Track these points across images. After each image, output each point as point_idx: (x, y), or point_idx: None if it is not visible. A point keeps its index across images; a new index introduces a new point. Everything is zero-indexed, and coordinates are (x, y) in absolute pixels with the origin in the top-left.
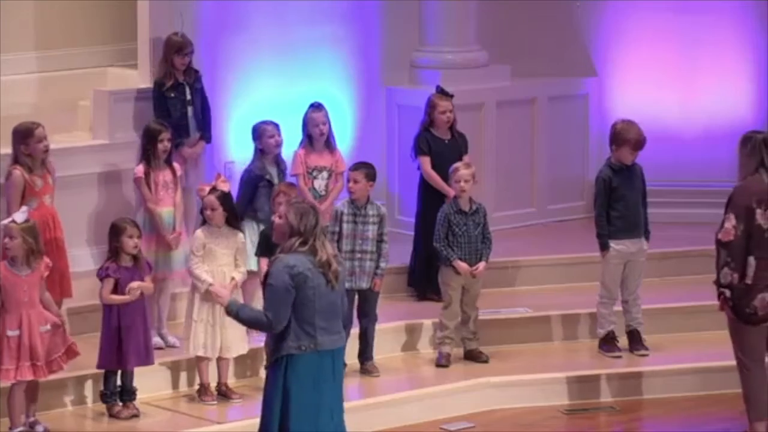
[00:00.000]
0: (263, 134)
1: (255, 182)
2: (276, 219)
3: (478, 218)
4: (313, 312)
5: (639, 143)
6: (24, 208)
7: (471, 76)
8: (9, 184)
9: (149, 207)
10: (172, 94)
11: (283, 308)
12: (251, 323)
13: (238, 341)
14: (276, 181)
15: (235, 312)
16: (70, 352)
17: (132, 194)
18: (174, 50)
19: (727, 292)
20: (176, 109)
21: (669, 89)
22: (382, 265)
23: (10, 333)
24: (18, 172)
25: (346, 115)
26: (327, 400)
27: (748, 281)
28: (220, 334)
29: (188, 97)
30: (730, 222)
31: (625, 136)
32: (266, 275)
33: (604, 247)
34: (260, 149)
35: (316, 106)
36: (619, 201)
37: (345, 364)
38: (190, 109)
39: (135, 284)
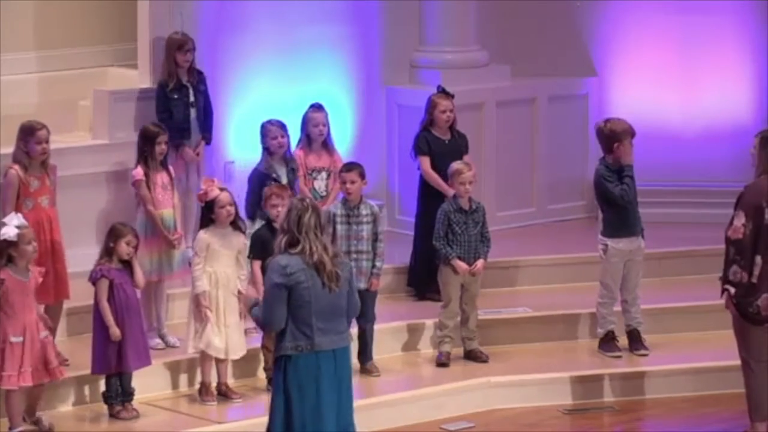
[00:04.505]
0: (267, 134)
1: (262, 181)
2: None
3: (478, 217)
4: (310, 313)
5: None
6: (19, 215)
7: (471, 76)
8: (5, 183)
9: (149, 209)
10: (175, 96)
11: (276, 308)
12: (256, 321)
13: (238, 343)
14: (284, 180)
15: (249, 309)
16: (57, 371)
17: (132, 194)
18: (175, 48)
19: (732, 290)
20: (179, 111)
21: (669, 89)
22: (378, 264)
23: (13, 339)
24: (14, 171)
25: (346, 115)
26: (330, 400)
27: (754, 280)
28: (225, 335)
29: (191, 99)
30: (740, 220)
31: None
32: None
33: None
34: (266, 148)
35: (317, 107)
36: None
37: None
38: (192, 111)
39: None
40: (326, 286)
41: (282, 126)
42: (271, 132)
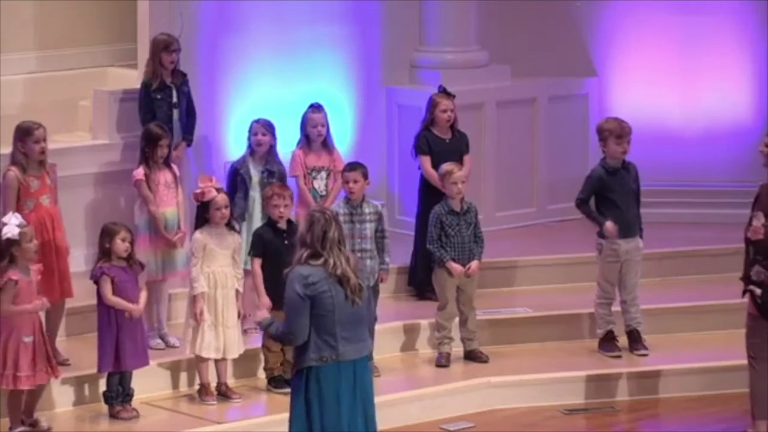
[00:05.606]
0: (249, 131)
1: (231, 176)
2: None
3: (470, 218)
4: (333, 322)
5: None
6: (17, 214)
7: (471, 76)
8: (4, 186)
9: (152, 209)
10: (159, 96)
11: (300, 319)
12: (277, 337)
13: (236, 342)
14: (255, 179)
15: (265, 327)
16: (57, 369)
17: (132, 194)
18: (161, 48)
19: (758, 290)
20: (162, 111)
21: (669, 89)
22: (387, 259)
23: (26, 339)
24: (12, 173)
25: (346, 115)
26: (349, 409)
27: None
28: (222, 335)
29: (174, 99)
30: (759, 220)
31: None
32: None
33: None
34: (249, 145)
35: (316, 107)
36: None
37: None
38: (175, 112)
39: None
40: (349, 299)
41: (267, 125)
42: (252, 129)
